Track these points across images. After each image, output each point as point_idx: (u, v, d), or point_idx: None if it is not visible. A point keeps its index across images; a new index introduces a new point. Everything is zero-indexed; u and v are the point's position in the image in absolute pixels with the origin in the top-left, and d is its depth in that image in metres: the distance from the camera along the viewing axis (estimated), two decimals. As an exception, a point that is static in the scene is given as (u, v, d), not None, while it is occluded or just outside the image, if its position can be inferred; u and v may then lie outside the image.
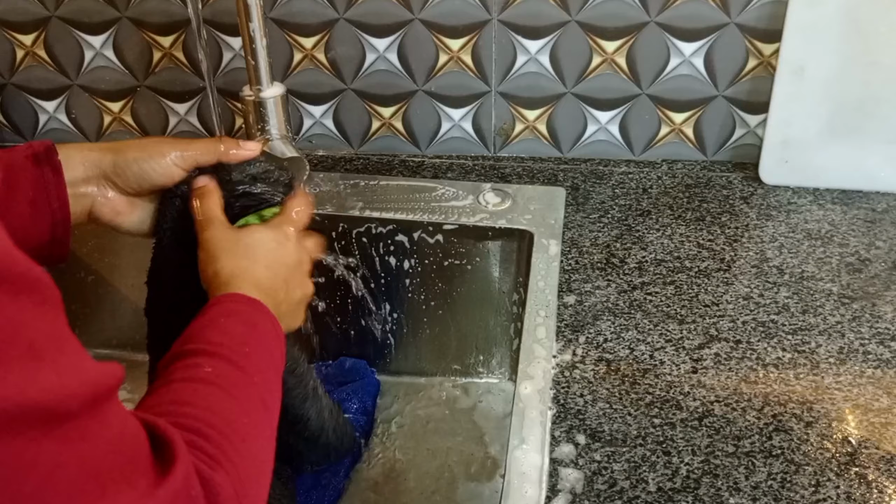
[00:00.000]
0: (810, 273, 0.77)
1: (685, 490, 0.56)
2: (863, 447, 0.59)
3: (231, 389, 0.44)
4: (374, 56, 0.93)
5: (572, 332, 0.70)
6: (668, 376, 0.65)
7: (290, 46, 0.94)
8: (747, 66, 0.90)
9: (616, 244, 0.82)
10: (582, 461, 0.58)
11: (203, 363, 0.44)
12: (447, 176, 0.95)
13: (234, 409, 0.43)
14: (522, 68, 0.93)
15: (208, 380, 0.44)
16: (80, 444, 0.30)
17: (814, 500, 0.55)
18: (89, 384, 0.30)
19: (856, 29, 0.83)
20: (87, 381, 0.30)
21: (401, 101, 0.97)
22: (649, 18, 0.88)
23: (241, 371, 0.46)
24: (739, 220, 0.86)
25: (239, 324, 0.49)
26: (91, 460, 0.30)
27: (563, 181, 0.94)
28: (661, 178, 0.94)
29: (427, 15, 0.90)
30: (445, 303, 0.92)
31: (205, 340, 0.46)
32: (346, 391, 0.91)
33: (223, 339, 0.47)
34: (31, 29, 0.96)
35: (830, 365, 0.66)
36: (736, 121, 0.94)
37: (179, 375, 0.44)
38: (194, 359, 0.45)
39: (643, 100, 0.93)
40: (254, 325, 0.50)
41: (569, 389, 0.64)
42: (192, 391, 0.42)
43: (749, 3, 0.86)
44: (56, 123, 1.04)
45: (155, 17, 0.94)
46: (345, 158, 1.00)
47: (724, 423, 0.61)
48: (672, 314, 0.72)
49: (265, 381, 0.48)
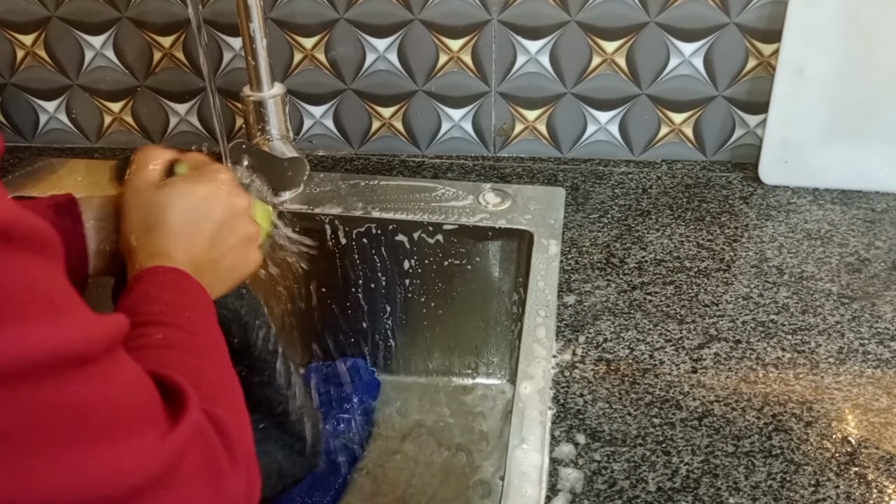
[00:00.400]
0: (810, 273, 0.77)
1: (685, 490, 0.56)
2: (862, 447, 0.59)
3: (190, 349, 0.45)
4: (374, 56, 0.93)
5: (572, 332, 0.70)
6: (668, 376, 0.66)
7: (290, 46, 0.94)
8: (747, 67, 0.90)
9: (616, 244, 0.82)
10: (582, 461, 0.58)
11: (152, 332, 0.45)
12: (447, 176, 0.95)
13: (202, 365, 0.45)
14: (522, 68, 0.93)
15: (164, 344, 0.44)
16: (105, 386, 0.32)
17: (813, 500, 0.55)
18: (106, 330, 0.32)
19: (856, 29, 0.83)
20: (104, 327, 0.32)
21: (401, 102, 0.97)
22: (649, 18, 0.88)
23: (191, 333, 0.47)
24: (739, 220, 0.86)
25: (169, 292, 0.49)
26: (116, 400, 0.32)
27: (563, 181, 0.94)
28: (661, 178, 0.94)
29: (427, 15, 0.90)
30: (445, 303, 0.92)
31: (144, 313, 0.46)
32: (346, 391, 0.91)
33: (161, 308, 0.47)
34: (31, 29, 0.97)
35: (830, 365, 0.66)
36: (735, 121, 0.94)
37: (133, 345, 0.44)
38: (140, 330, 0.45)
39: (643, 100, 0.93)
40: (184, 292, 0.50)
41: (569, 389, 0.64)
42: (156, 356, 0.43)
43: (749, 3, 0.86)
44: (56, 123, 1.04)
45: (155, 17, 0.94)
46: (345, 158, 1.01)
47: (723, 423, 0.61)
48: (672, 314, 0.72)
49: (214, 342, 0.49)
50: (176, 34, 0.95)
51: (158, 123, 1.03)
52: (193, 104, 1.01)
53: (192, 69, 0.97)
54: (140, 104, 1.01)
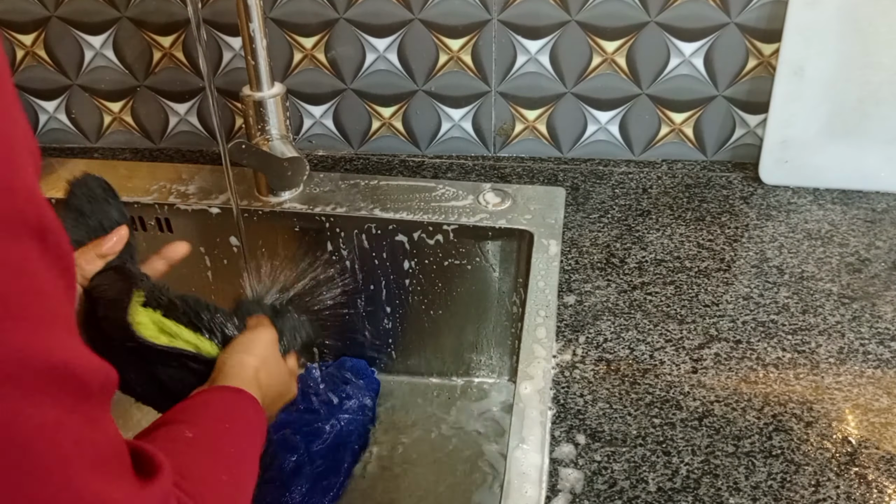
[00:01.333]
0: (810, 273, 0.77)
1: (685, 490, 0.56)
2: (863, 447, 0.59)
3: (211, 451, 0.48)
4: (374, 56, 0.93)
5: (572, 332, 0.70)
6: (668, 376, 0.66)
7: (290, 46, 0.94)
8: (747, 67, 0.90)
9: (616, 244, 0.82)
10: (582, 461, 0.58)
11: (186, 430, 0.48)
12: (447, 176, 0.95)
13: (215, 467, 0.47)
14: (522, 68, 0.93)
15: (189, 442, 0.47)
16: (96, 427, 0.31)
17: (814, 500, 0.55)
18: (103, 370, 0.32)
19: (855, 29, 0.83)
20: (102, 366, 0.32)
21: (401, 101, 0.97)
22: (649, 18, 0.88)
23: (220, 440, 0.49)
24: (739, 220, 0.86)
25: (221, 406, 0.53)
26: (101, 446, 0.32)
27: (563, 181, 0.94)
28: (661, 178, 0.94)
29: (427, 15, 0.90)
30: (445, 303, 0.92)
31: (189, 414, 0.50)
32: (346, 391, 0.91)
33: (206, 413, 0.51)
34: (31, 29, 0.96)
35: (830, 365, 0.66)
36: (736, 121, 0.94)
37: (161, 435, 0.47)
38: (177, 426, 0.48)
39: (643, 100, 0.93)
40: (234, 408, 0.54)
41: (569, 389, 0.64)
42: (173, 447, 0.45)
43: (749, 3, 0.86)
44: (56, 123, 1.04)
45: (155, 17, 0.94)
46: (345, 158, 1.00)
47: (724, 423, 0.61)
48: (672, 314, 0.72)
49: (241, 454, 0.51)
50: (176, 34, 0.95)
51: (158, 123, 1.03)
52: (193, 104, 1.01)
53: (191, 69, 0.97)
54: (140, 104, 1.01)
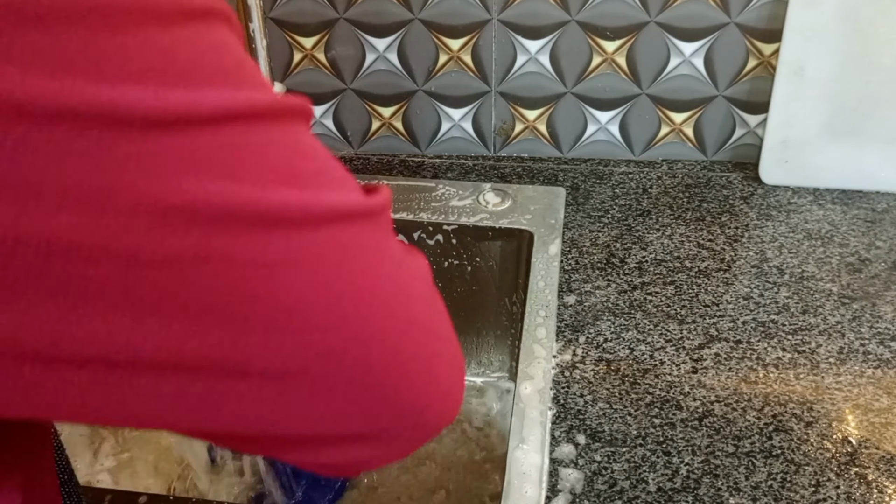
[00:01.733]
0: (810, 273, 0.77)
1: (685, 490, 0.56)
2: (863, 447, 0.59)
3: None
4: (374, 56, 0.93)
5: (572, 332, 0.70)
6: (668, 376, 0.66)
7: (290, 46, 0.94)
8: (747, 66, 0.90)
9: (616, 244, 0.82)
10: (582, 461, 0.58)
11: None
12: (447, 176, 0.95)
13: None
14: (522, 68, 0.93)
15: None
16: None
17: (814, 500, 0.55)
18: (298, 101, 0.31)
19: (855, 29, 0.83)
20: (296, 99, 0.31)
21: (401, 101, 0.97)
22: (649, 18, 0.88)
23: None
24: (739, 220, 0.86)
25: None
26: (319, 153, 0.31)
27: (563, 181, 0.94)
28: (661, 178, 0.94)
29: (427, 15, 0.90)
30: (445, 303, 0.92)
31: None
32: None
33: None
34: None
35: (830, 365, 0.66)
36: (736, 121, 0.94)
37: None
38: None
39: (643, 100, 0.93)
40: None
41: (569, 389, 0.64)
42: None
43: (749, 3, 0.86)
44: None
45: (155, 17, 0.94)
46: (345, 158, 1.00)
47: (724, 423, 0.61)
48: (672, 314, 0.72)
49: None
50: (176, 34, 0.95)
51: (158, 123, 1.03)
52: (193, 104, 1.00)
53: (191, 69, 0.97)
54: (140, 104, 1.01)
